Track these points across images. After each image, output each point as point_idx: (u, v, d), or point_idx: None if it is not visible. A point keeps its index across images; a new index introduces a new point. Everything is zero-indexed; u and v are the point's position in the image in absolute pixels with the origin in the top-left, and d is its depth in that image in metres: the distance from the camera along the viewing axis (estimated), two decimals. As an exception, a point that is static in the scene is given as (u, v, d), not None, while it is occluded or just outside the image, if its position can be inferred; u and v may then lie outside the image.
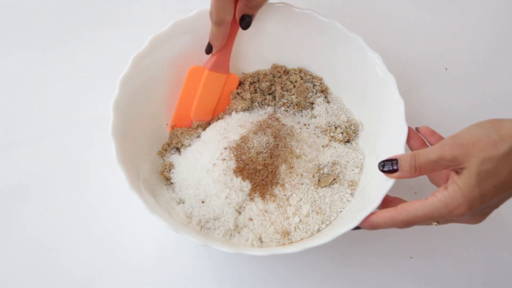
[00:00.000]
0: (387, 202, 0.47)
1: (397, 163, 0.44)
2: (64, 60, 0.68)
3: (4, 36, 0.70)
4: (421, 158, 0.41)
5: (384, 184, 0.46)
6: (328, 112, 0.59)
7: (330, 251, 0.57)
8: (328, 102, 0.60)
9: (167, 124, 0.59)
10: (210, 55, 0.55)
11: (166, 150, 0.58)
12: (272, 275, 0.56)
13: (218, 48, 0.54)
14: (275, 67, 0.62)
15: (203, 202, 0.52)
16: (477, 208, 0.40)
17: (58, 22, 0.71)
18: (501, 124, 0.39)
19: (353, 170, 0.56)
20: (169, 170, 0.56)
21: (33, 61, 0.68)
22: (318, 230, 0.52)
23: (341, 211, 0.53)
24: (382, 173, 0.46)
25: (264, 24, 0.58)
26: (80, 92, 0.66)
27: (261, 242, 0.51)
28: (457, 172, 0.40)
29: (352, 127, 0.58)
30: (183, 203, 0.54)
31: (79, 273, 0.57)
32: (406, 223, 0.42)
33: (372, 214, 0.45)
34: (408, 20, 0.70)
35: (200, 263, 0.57)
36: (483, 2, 0.71)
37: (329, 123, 0.59)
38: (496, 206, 0.41)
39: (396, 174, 0.44)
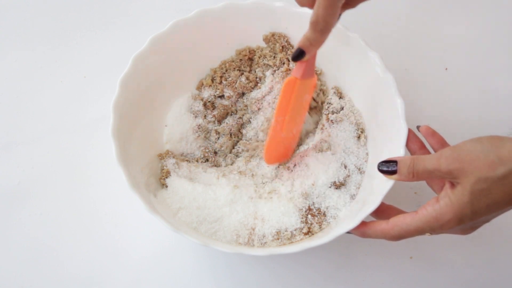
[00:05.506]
0: (381, 211, 0.47)
1: (396, 165, 0.44)
2: (64, 60, 0.68)
3: (4, 36, 0.70)
4: (419, 166, 0.42)
5: (382, 186, 0.46)
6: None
7: (330, 251, 0.57)
8: (341, 98, 0.58)
9: (166, 125, 0.58)
10: (298, 62, 0.48)
11: (166, 155, 0.57)
12: (271, 275, 0.56)
13: (313, 54, 0.47)
14: (240, 51, 0.60)
15: (198, 208, 0.52)
16: (468, 224, 0.40)
17: (58, 22, 0.70)
18: (502, 144, 0.38)
19: (355, 171, 0.55)
20: (165, 178, 0.55)
21: (32, 61, 0.68)
22: (319, 230, 0.52)
23: (340, 212, 0.53)
24: (381, 174, 0.45)
25: (264, 23, 0.58)
26: (80, 92, 0.66)
27: (261, 242, 0.51)
28: (452, 184, 0.40)
29: (359, 131, 0.56)
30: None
31: (79, 272, 0.57)
32: (398, 238, 0.43)
33: (365, 224, 0.45)
34: (408, 20, 0.70)
35: (200, 263, 0.57)
36: (483, 2, 0.71)
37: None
38: (487, 221, 0.42)
39: (394, 176, 0.44)
